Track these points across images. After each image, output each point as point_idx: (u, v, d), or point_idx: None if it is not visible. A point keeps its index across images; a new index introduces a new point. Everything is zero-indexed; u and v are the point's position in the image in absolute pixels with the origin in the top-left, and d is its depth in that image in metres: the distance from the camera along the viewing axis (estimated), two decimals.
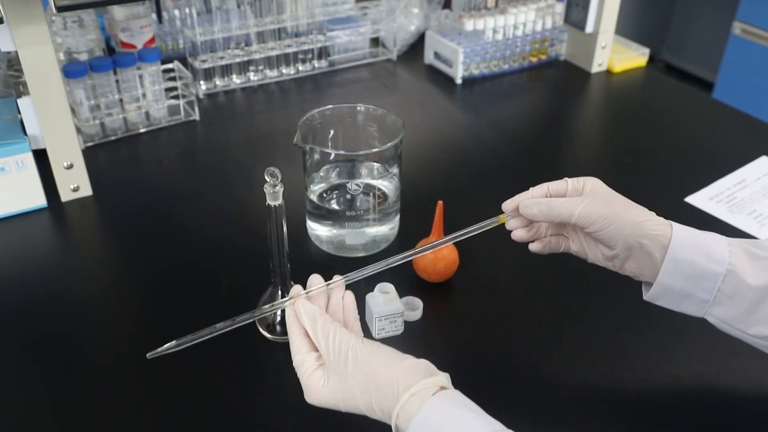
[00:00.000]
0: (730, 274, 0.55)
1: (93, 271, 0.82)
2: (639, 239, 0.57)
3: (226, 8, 1.17)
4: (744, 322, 0.56)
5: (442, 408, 0.51)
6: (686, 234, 0.57)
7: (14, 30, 0.79)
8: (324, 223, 0.81)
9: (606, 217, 0.58)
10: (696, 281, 0.56)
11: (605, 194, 0.60)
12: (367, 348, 0.53)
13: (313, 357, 0.55)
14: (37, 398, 0.65)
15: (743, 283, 0.55)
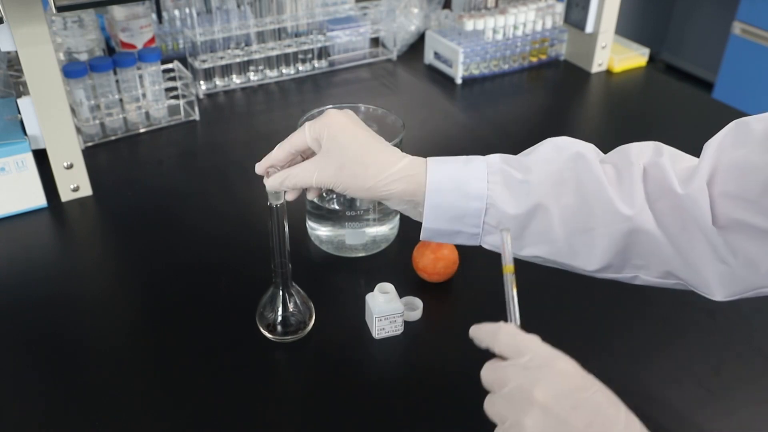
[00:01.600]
0: (491, 207, 0.57)
1: (93, 270, 0.82)
2: (382, 195, 0.58)
3: (226, 8, 1.17)
4: (514, 246, 0.57)
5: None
6: (443, 176, 0.58)
7: (14, 30, 0.79)
8: (324, 223, 0.81)
9: (341, 183, 0.58)
10: (460, 220, 0.58)
11: (341, 147, 0.58)
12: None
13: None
14: (37, 398, 0.65)
15: (504, 214, 0.57)
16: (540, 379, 0.46)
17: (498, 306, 0.77)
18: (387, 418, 0.63)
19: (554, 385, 0.45)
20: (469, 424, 0.62)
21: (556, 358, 0.48)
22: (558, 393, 0.45)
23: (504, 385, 0.47)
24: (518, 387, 0.46)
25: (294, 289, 0.70)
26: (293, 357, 0.69)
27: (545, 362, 0.47)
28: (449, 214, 0.58)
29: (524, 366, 0.47)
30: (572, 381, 0.46)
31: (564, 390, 0.45)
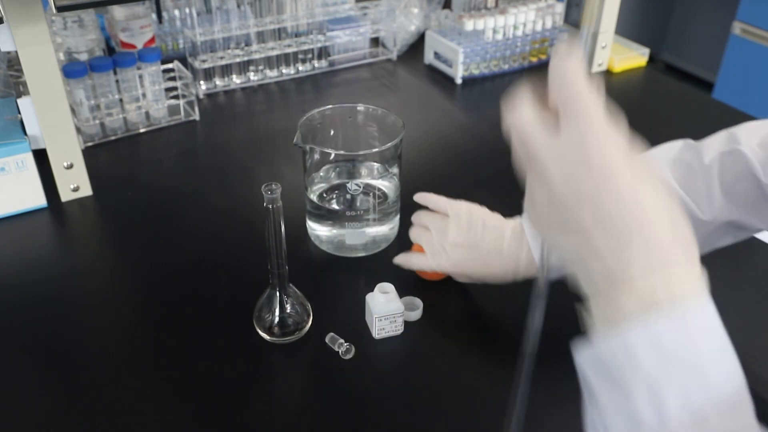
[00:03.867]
0: None
1: (93, 270, 0.82)
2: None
3: (226, 8, 1.17)
4: None
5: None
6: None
7: (14, 30, 0.79)
8: (324, 223, 0.81)
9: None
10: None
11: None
12: None
13: None
14: (37, 398, 0.65)
15: None
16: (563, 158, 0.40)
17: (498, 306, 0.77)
18: (387, 418, 0.63)
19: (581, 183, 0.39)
20: (469, 424, 0.62)
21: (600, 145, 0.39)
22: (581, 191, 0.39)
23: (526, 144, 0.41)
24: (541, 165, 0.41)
25: (291, 290, 0.70)
26: (292, 357, 0.69)
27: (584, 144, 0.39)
28: None
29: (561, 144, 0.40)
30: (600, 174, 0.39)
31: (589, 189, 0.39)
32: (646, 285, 0.38)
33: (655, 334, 0.37)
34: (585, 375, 0.40)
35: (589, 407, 0.41)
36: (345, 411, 0.64)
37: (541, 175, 0.41)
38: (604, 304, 0.39)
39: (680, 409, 0.35)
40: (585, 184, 0.39)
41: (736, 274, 0.81)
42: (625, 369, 0.37)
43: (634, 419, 0.36)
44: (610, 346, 0.38)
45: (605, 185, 0.39)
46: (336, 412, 0.63)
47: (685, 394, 0.36)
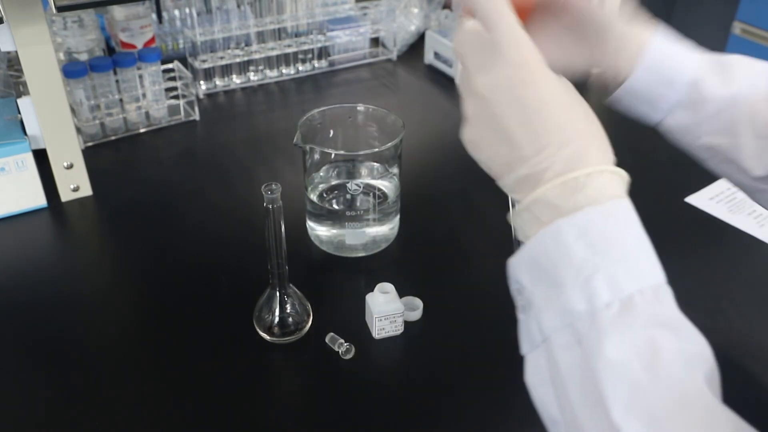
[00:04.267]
0: (696, 83, 0.57)
1: (93, 270, 0.82)
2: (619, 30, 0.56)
3: (226, 8, 1.17)
4: (695, 132, 0.58)
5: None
6: (662, 37, 0.57)
7: (14, 30, 0.79)
8: (324, 223, 0.81)
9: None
10: (663, 88, 0.57)
11: None
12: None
13: None
14: (37, 398, 0.65)
15: (706, 93, 0.57)
16: (486, 65, 0.43)
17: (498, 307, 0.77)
18: (387, 418, 0.63)
19: (498, 75, 0.42)
20: (469, 424, 0.62)
21: (518, 48, 0.42)
22: (498, 85, 0.42)
23: (461, 59, 0.45)
24: (467, 67, 0.44)
25: (291, 290, 0.70)
26: (292, 357, 0.69)
27: (502, 46, 0.42)
28: (660, 74, 0.57)
29: (481, 44, 0.43)
30: (521, 74, 0.42)
31: (507, 83, 0.42)
32: (572, 180, 0.40)
33: (584, 224, 0.39)
34: (518, 281, 0.42)
35: (522, 317, 0.42)
36: (345, 411, 0.63)
37: (468, 80, 0.44)
38: (532, 204, 0.41)
39: (610, 296, 0.37)
40: (504, 85, 0.42)
41: (736, 274, 0.81)
42: (557, 262, 0.39)
43: (566, 310, 0.38)
44: (542, 240, 0.40)
45: (524, 85, 0.42)
46: (336, 412, 0.63)
47: (614, 281, 0.37)
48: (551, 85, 0.42)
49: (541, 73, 0.42)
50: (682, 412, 0.35)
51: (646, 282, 0.38)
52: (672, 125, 0.59)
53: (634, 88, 0.58)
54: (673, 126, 0.60)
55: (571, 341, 0.38)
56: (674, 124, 0.59)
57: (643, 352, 0.36)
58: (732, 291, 0.78)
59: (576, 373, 0.37)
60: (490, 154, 0.44)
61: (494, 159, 0.44)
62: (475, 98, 0.44)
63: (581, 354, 0.37)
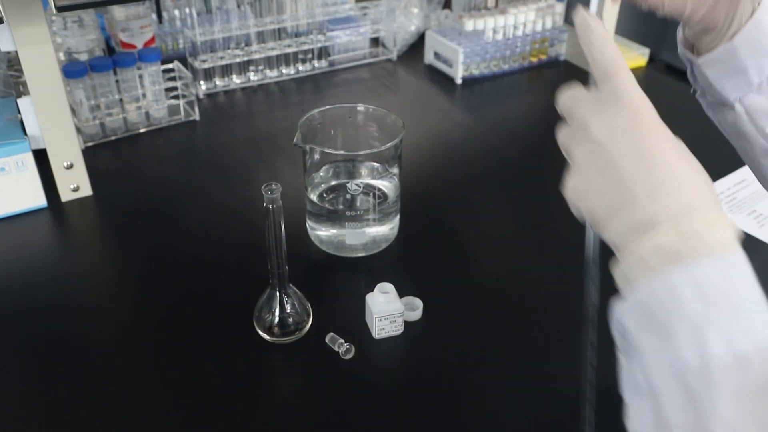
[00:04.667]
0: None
1: (93, 271, 0.82)
2: None
3: (226, 8, 1.17)
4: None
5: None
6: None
7: (14, 30, 0.79)
8: (324, 223, 0.81)
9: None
10: (758, 57, 0.54)
11: None
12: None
13: None
14: (37, 397, 0.65)
15: None
16: (602, 111, 0.42)
17: (499, 305, 0.77)
18: (387, 418, 0.63)
19: (615, 120, 0.41)
20: (469, 424, 0.62)
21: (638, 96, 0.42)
22: (615, 129, 0.41)
23: (572, 115, 0.44)
24: (581, 116, 0.43)
25: (291, 290, 0.70)
26: (292, 357, 0.69)
27: (620, 94, 0.42)
28: (761, 41, 0.54)
29: (597, 94, 0.43)
30: (638, 120, 0.41)
31: (623, 128, 0.41)
32: (687, 228, 0.38)
33: (700, 275, 0.37)
34: (624, 328, 0.40)
35: (626, 364, 0.41)
36: (345, 411, 0.64)
37: (581, 128, 0.43)
38: (643, 251, 0.39)
39: (723, 350, 0.35)
40: (622, 129, 0.41)
41: None
42: (669, 312, 0.37)
43: (677, 362, 0.37)
44: (652, 290, 0.38)
45: (641, 131, 0.41)
46: (336, 412, 0.64)
47: (728, 335, 0.36)
48: (667, 134, 0.42)
49: (657, 123, 0.42)
50: None
51: (763, 340, 0.36)
52: (749, 105, 0.57)
53: (736, 49, 0.54)
54: (750, 106, 0.57)
55: (682, 395, 0.36)
56: (752, 103, 0.57)
57: (760, 414, 0.35)
58: None
59: (687, 428, 0.36)
60: (597, 200, 0.42)
61: (601, 204, 0.42)
62: (587, 144, 0.42)
63: (693, 410, 0.36)
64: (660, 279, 0.38)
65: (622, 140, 0.41)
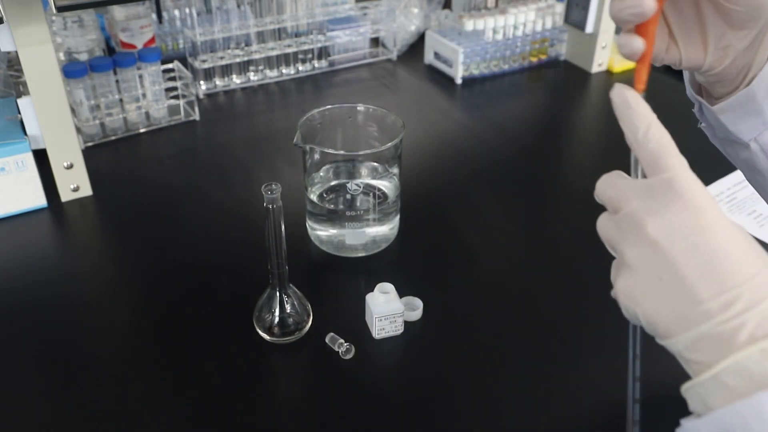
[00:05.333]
0: None
1: (93, 271, 0.82)
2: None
3: (226, 8, 1.17)
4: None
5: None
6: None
7: (14, 30, 0.79)
8: (324, 223, 0.81)
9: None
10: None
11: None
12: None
13: None
14: (37, 399, 0.65)
15: None
16: (659, 209, 0.38)
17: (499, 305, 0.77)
18: (387, 418, 0.63)
19: (674, 218, 0.37)
20: (469, 424, 0.62)
21: (695, 189, 0.38)
22: (675, 229, 0.37)
23: (618, 208, 0.39)
24: (632, 212, 0.38)
25: (291, 290, 0.70)
26: (292, 357, 0.69)
27: (677, 188, 0.37)
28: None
29: (649, 187, 0.38)
30: (699, 217, 0.37)
31: (684, 228, 0.37)
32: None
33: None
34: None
35: None
36: (345, 411, 0.64)
37: (634, 226, 0.39)
38: (723, 372, 0.35)
39: None
40: (685, 230, 0.37)
41: None
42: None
43: None
44: (739, 413, 0.34)
45: (705, 232, 0.37)
46: (336, 412, 0.63)
47: None
48: (733, 232, 0.37)
49: (720, 218, 0.37)
50: None
51: None
52: (765, 143, 0.53)
53: (754, 93, 0.51)
54: (765, 144, 0.53)
55: None
56: (767, 141, 0.53)
57: None
58: None
59: None
60: (659, 308, 0.38)
61: (663, 313, 0.38)
62: (643, 245, 0.38)
63: None
64: (747, 402, 0.34)
65: (682, 242, 0.37)
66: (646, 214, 0.38)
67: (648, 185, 0.38)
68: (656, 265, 0.37)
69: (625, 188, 0.39)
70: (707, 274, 0.36)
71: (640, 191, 0.39)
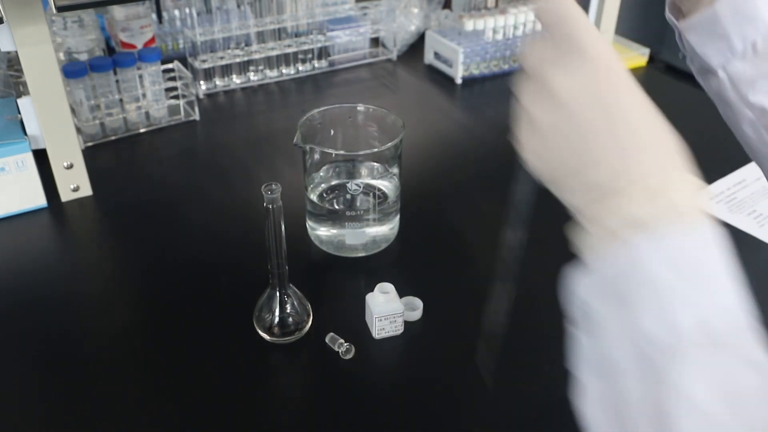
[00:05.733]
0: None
1: (92, 270, 0.82)
2: None
3: (226, 8, 1.17)
4: (753, 86, 0.55)
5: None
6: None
7: (14, 30, 0.79)
8: (324, 223, 0.81)
9: None
10: (742, 24, 0.54)
11: None
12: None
13: None
14: (37, 398, 0.65)
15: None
16: (567, 70, 0.39)
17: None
18: (387, 418, 0.63)
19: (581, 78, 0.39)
20: (469, 424, 0.62)
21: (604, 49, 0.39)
22: (581, 88, 0.39)
23: (530, 67, 0.41)
24: (542, 73, 0.40)
25: (291, 290, 0.70)
26: (292, 358, 0.69)
27: (587, 50, 0.39)
28: (742, 6, 0.53)
29: (559, 47, 0.40)
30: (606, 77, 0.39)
31: (590, 86, 0.39)
32: (656, 192, 0.36)
33: (669, 246, 0.35)
34: (587, 303, 0.38)
35: (585, 341, 0.39)
36: (345, 411, 0.64)
37: (543, 85, 0.40)
38: (609, 217, 0.37)
39: (693, 325, 0.34)
40: (589, 88, 0.39)
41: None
42: (634, 284, 0.35)
43: (643, 339, 0.34)
44: (620, 261, 0.36)
45: (609, 91, 0.39)
46: (336, 412, 0.64)
47: (698, 310, 0.34)
48: (636, 93, 0.39)
49: (626, 79, 0.39)
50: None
51: (730, 315, 0.34)
52: (733, 72, 0.56)
53: (717, 14, 0.54)
54: (733, 73, 0.56)
55: (645, 372, 0.34)
56: (735, 71, 0.56)
57: (724, 389, 0.32)
58: None
59: (648, 407, 0.34)
60: (559, 163, 0.40)
61: (563, 167, 0.40)
62: (550, 104, 0.40)
63: (656, 386, 0.34)
64: (628, 250, 0.36)
65: (588, 100, 0.38)
66: (554, 75, 0.39)
67: (555, 45, 0.40)
68: (562, 125, 0.39)
69: (540, 50, 0.41)
70: (609, 131, 0.38)
71: (548, 51, 0.40)
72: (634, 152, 0.37)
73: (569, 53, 0.39)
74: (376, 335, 0.70)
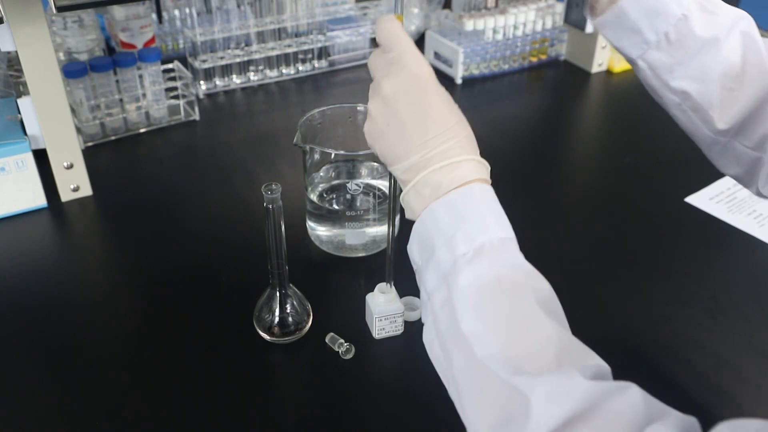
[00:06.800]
0: (683, 19, 0.58)
1: (93, 270, 0.82)
2: None
3: (226, 8, 1.17)
4: (672, 72, 0.60)
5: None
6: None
7: (14, 30, 0.79)
8: (324, 223, 0.81)
9: None
10: (651, 17, 0.59)
11: None
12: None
13: None
14: (37, 397, 0.65)
15: (690, 32, 0.58)
16: (392, 75, 0.52)
17: None
18: (387, 418, 0.63)
19: (399, 82, 0.52)
20: None
21: (417, 63, 0.53)
22: (399, 89, 0.52)
23: (373, 72, 0.55)
24: (377, 77, 0.54)
25: (291, 290, 0.70)
26: (292, 358, 0.69)
27: (406, 63, 0.53)
28: (648, 3, 0.59)
29: (387, 59, 0.54)
30: (417, 82, 0.52)
31: (407, 89, 0.52)
32: (448, 165, 0.50)
33: (451, 200, 0.49)
34: (413, 260, 0.52)
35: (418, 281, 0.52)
36: (345, 411, 0.64)
37: (377, 85, 0.53)
38: (418, 185, 0.51)
39: (466, 247, 0.47)
40: (405, 90, 0.52)
41: (736, 274, 0.81)
42: (432, 233, 0.49)
43: (438, 266, 0.48)
44: (422, 218, 0.50)
45: (419, 91, 0.52)
46: (336, 412, 0.63)
47: (470, 236, 0.48)
48: (439, 94, 0.52)
49: (432, 84, 0.52)
50: (514, 318, 0.45)
51: (494, 235, 0.48)
52: (651, 61, 0.61)
53: (624, 10, 0.60)
54: (652, 62, 0.61)
55: (443, 294, 0.48)
56: (653, 60, 0.61)
57: (486, 281, 0.46)
58: (732, 291, 0.78)
59: (445, 310, 0.47)
60: (386, 144, 0.53)
61: (389, 148, 0.53)
62: (380, 100, 0.53)
63: (449, 305, 0.47)
64: (426, 210, 0.50)
65: (403, 98, 0.51)
66: (382, 78, 0.53)
67: (387, 58, 0.54)
68: (386, 115, 0.52)
69: (377, 59, 0.55)
70: (418, 122, 0.51)
71: (382, 62, 0.54)
72: (436, 140, 0.50)
73: (394, 64, 0.53)
74: (376, 335, 0.70)
